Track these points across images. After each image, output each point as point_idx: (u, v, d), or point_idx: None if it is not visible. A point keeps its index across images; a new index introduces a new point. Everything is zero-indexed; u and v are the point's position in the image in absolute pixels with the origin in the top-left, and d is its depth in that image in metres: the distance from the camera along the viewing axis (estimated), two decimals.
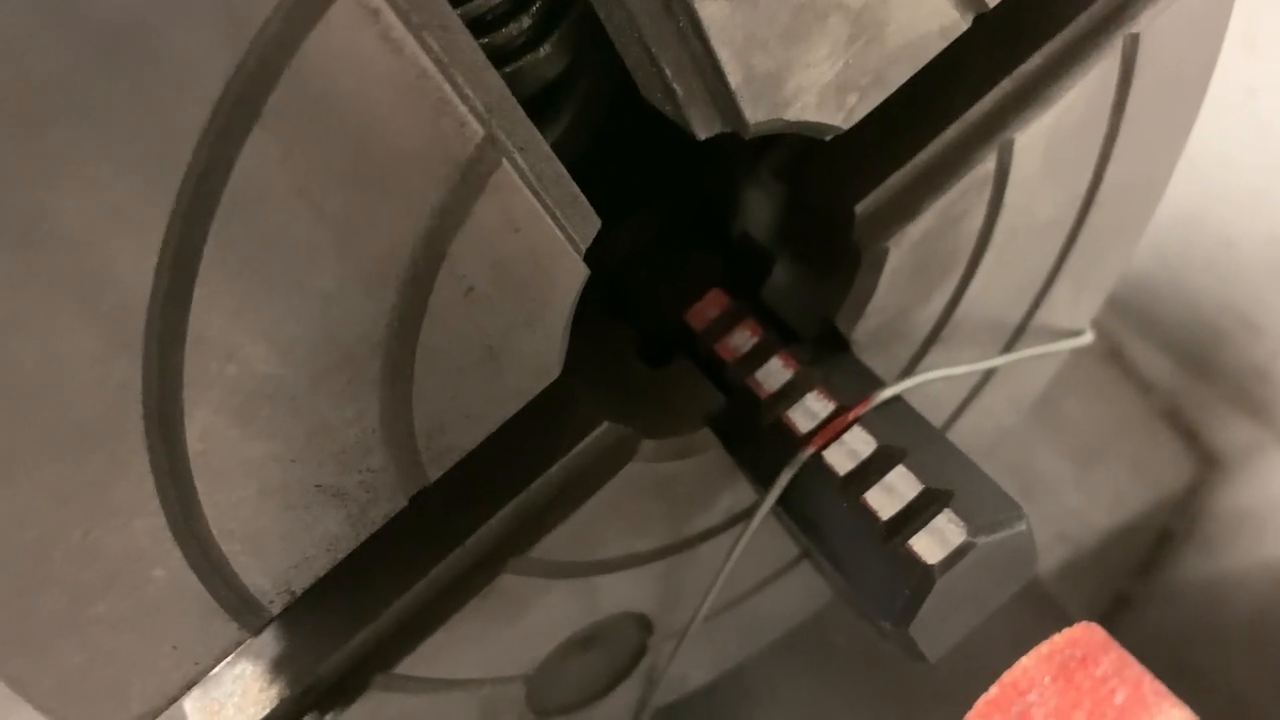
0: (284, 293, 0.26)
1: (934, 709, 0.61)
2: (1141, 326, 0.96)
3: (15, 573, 0.27)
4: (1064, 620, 0.49)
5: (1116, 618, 0.89)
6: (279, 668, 0.38)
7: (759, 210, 0.43)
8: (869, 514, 0.35)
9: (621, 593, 0.42)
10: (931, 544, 0.34)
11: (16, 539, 0.26)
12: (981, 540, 0.33)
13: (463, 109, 0.26)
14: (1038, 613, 0.64)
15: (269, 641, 0.39)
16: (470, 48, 0.26)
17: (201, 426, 0.27)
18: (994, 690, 0.25)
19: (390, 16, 0.24)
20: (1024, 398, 0.52)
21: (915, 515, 0.35)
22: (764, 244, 0.43)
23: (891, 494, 0.35)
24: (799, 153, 0.41)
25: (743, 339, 0.41)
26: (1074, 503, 0.89)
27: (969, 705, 0.60)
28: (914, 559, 0.34)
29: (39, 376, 0.24)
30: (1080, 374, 0.99)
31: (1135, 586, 0.90)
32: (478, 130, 0.26)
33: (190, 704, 0.40)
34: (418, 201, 0.27)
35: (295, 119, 0.24)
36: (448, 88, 0.25)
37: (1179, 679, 0.35)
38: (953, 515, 0.34)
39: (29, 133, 0.21)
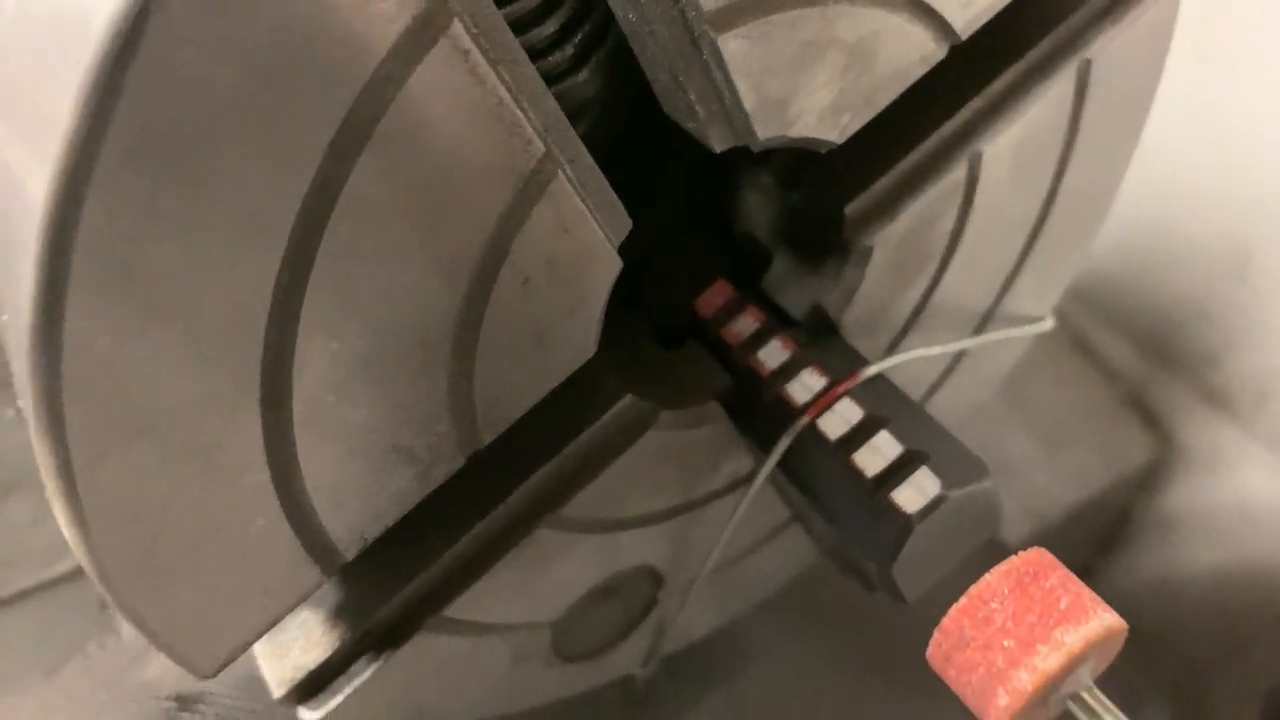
0: (379, 284, 0.31)
1: (909, 664, 0.67)
2: (1105, 318, 1.02)
3: (144, 522, 0.32)
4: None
5: None
6: (338, 614, 0.43)
7: (759, 211, 0.48)
8: (857, 472, 0.41)
9: (638, 548, 0.48)
10: (911, 496, 0.39)
11: (149, 492, 0.32)
12: (954, 493, 0.39)
13: (529, 129, 0.31)
14: None
15: (328, 591, 0.44)
16: (533, 77, 0.31)
17: (305, 396, 0.32)
18: (963, 600, 0.31)
19: (477, 55, 0.29)
20: (993, 377, 0.58)
21: (897, 472, 0.40)
22: (763, 241, 0.48)
23: (876, 455, 0.41)
24: (793, 162, 0.47)
25: (746, 324, 0.46)
26: (1042, 481, 0.95)
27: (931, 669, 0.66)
28: (896, 509, 0.39)
29: (181, 350, 0.29)
30: (1048, 362, 1.05)
31: (1098, 559, 0.96)
32: (540, 147, 0.32)
33: (260, 647, 0.45)
34: (488, 207, 0.32)
35: (398, 140, 0.29)
36: (518, 112, 0.31)
37: (1138, 643, 0.41)
38: (929, 472, 0.40)
39: (199, 145, 0.26)
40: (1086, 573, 0.90)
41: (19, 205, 0.28)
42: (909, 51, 0.38)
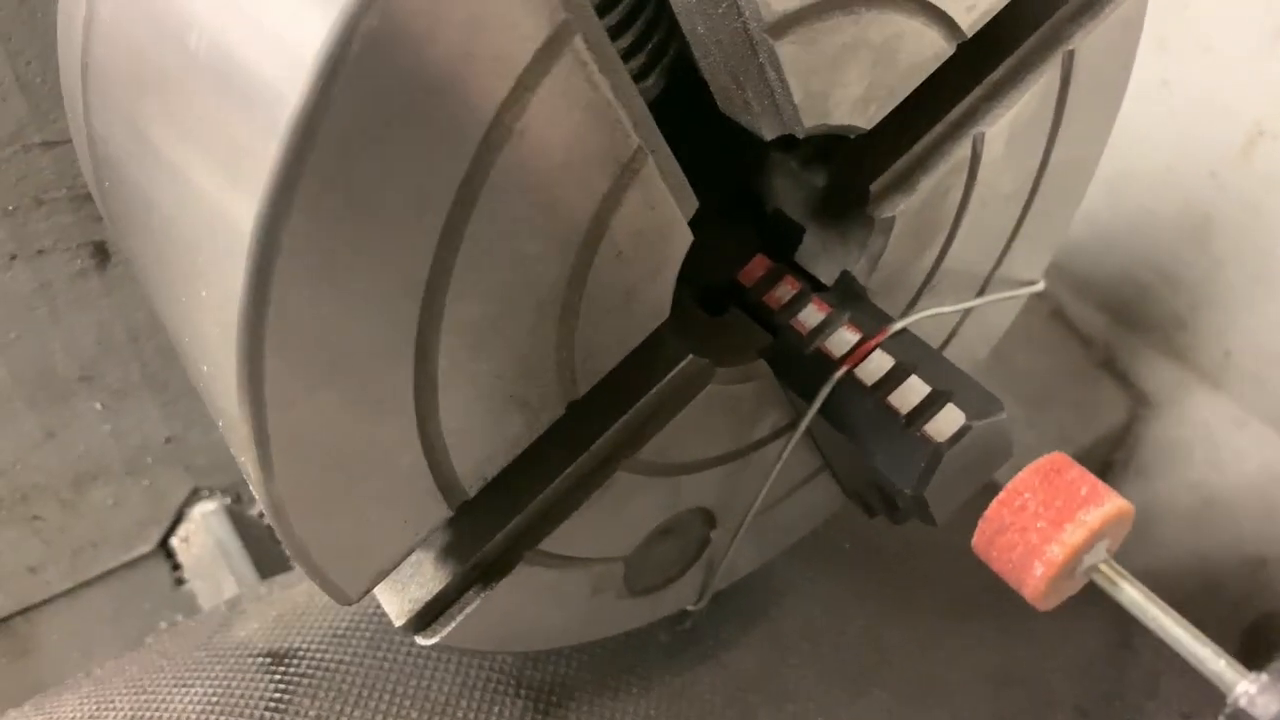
0: (510, 257, 0.38)
1: (924, 596, 0.75)
2: (1079, 289, 1.10)
3: (318, 461, 0.39)
4: None
5: None
6: (447, 553, 0.50)
7: (788, 192, 0.55)
8: (892, 411, 0.48)
9: (696, 490, 0.54)
10: (941, 428, 0.46)
11: (325, 435, 0.38)
12: (977, 424, 0.46)
13: (627, 125, 0.38)
14: None
15: (437, 533, 0.51)
16: (628, 82, 0.38)
17: (447, 352, 0.39)
18: (1001, 494, 0.38)
19: (591, 64, 0.35)
20: (992, 334, 0.65)
21: (927, 409, 0.47)
22: (794, 218, 0.55)
23: (908, 396, 0.48)
24: (817, 148, 0.54)
25: (784, 291, 0.53)
26: (1027, 440, 1.03)
27: (950, 592, 0.74)
28: (928, 439, 0.46)
29: (360, 312, 0.36)
30: (1029, 332, 1.13)
31: None
32: (635, 139, 0.38)
33: (381, 585, 0.51)
34: (594, 190, 0.39)
35: (530, 135, 0.35)
36: (620, 110, 0.37)
37: None
38: (954, 408, 0.47)
39: (377, 148, 0.33)
40: None
41: (217, 207, 0.34)
42: (924, 49, 0.45)
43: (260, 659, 0.67)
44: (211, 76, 0.35)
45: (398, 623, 0.49)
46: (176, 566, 0.85)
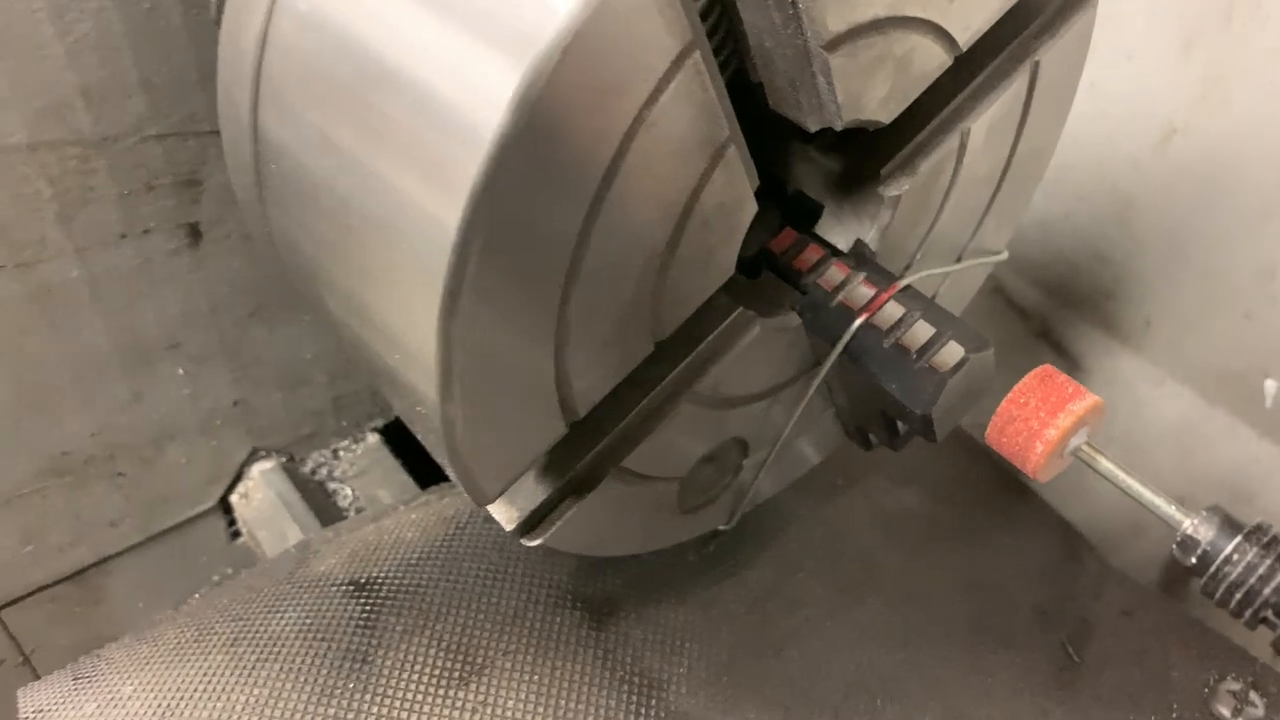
0: (631, 226, 0.49)
1: (904, 523, 0.87)
2: (1018, 269, 1.24)
3: (482, 386, 0.49)
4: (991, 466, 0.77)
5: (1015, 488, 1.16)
6: (546, 471, 0.61)
7: (809, 176, 0.67)
8: (904, 348, 0.60)
9: (736, 422, 0.66)
10: (944, 359, 0.58)
11: (489, 365, 0.48)
12: (973, 356, 0.58)
13: (722, 118, 0.49)
14: (969, 466, 0.91)
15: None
16: (722, 86, 0.49)
17: (580, 299, 0.49)
18: (1010, 394, 0.50)
19: (705, 72, 0.46)
20: (965, 296, 0.78)
21: (932, 346, 0.59)
22: (814, 197, 0.67)
23: (916, 336, 0.60)
24: (833, 140, 0.66)
25: (810, 256, 0.65)
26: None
27: (927, 519, 0.87)
28: (935, 369, 0.58)
29: (526, 276, 0.46)
30: (974, 307, 1.27)
31: None
32: (726, 129, 0.50)
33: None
34: (694, 170, 0.50)
35: (658, 125, 0.46)
36: (719, 107, 0.48)
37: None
38: (955, 343, 0.59)
39: (537, 162, 0.44)
40: (1009, 488, 1.08)
41: (416, 201, 0.45)
42: (931, 60, 0.57)
43: (343, 587, 0.76)
44: (411, 101, 0.45)
45: (508, 528, 0.60)
46: (232, 523, 0.94)
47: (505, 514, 0.60)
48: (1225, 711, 0.72)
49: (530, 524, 0.61)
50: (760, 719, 0.70)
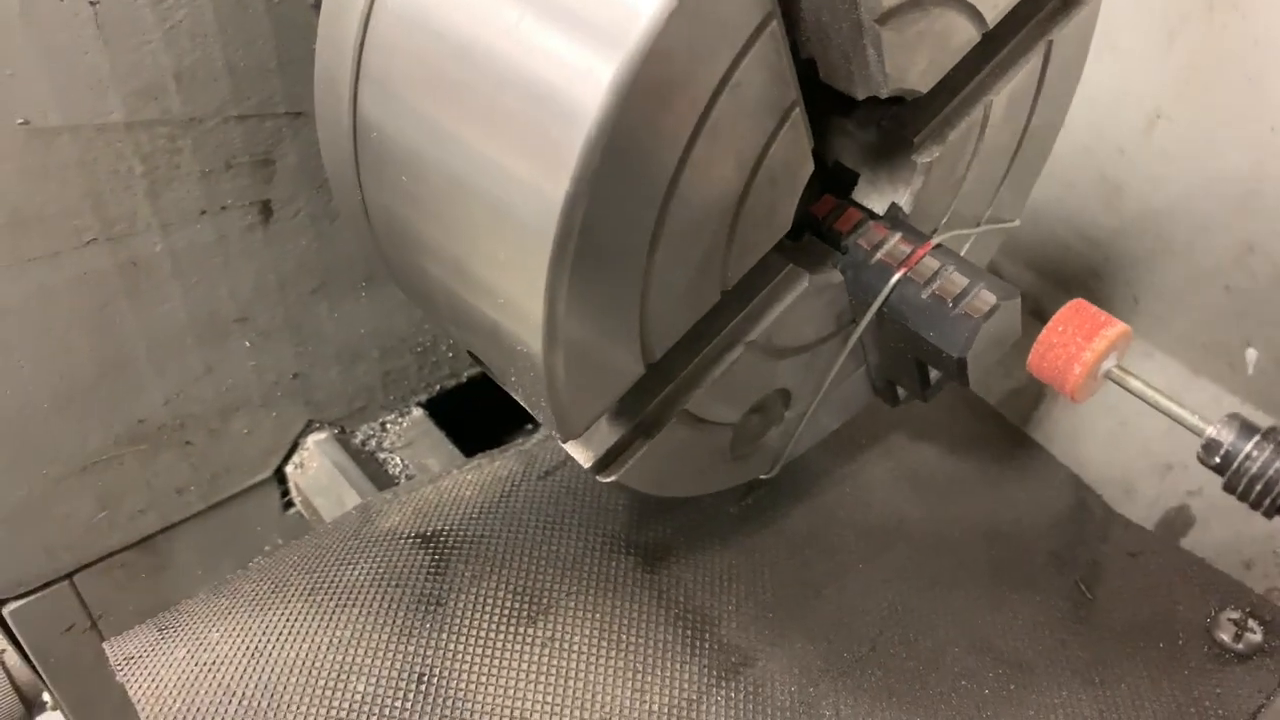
0: (710, 180, 0.55)
1: (927, 476, 0.93)
2: (1011, 251, 1.31)
3: (579, 337, 0.55)
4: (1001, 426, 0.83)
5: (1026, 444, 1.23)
6: (618, 414, 0.66)
7: (846, 146, 0.73)
8: (941, 297, 0.66)
9: (783, 373, 0.72)
10: (978, 305, 0.64)
11: (586, 316, 0.54)
12: (1004, 302, 0.65)
13: (792, 82, 0.55)
14: (980, 426, 0.98)
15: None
16: (790, 53, 0.55)
17: (664, 248, 0.55)
18: (1049, 323, 0.56)
19: (781, 39, 0.53)
20: (984, 259, 0.85)
21: (966, 294, 0.65)
22: (851, 166, 0.73)
23: (949, 287, 0.66)
24: (868, 113, 0.72)
25: (850, 219, 0.71)
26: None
27: (947, 474, 0.93)
28: (969, 315, 0.65)
29: (620, 229, 0.52)
30: None
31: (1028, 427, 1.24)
32: (794, 92, 0.56)
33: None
34: (765, 130, 0.56)
35: (741, 87, 0.52)
36: (789, 72, 0.55)
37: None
38: (987, 291, 0.65)
39: (636, 127, 0.49)
40: (1020, 445, 1.15)
41: (526, 182, 0.50)
42: (962, 36, 0.64)
43: (411, 540, 0.81)
44: (519, 87, 0.50)
45: (585, 465, 0.65)
46: (284, 494, 0.99)
47: (583, 454, 0.66)
48: (1226, 638, 0.79)
49: (605, 462, 0.66)
50: (806, 649, 0.76)
